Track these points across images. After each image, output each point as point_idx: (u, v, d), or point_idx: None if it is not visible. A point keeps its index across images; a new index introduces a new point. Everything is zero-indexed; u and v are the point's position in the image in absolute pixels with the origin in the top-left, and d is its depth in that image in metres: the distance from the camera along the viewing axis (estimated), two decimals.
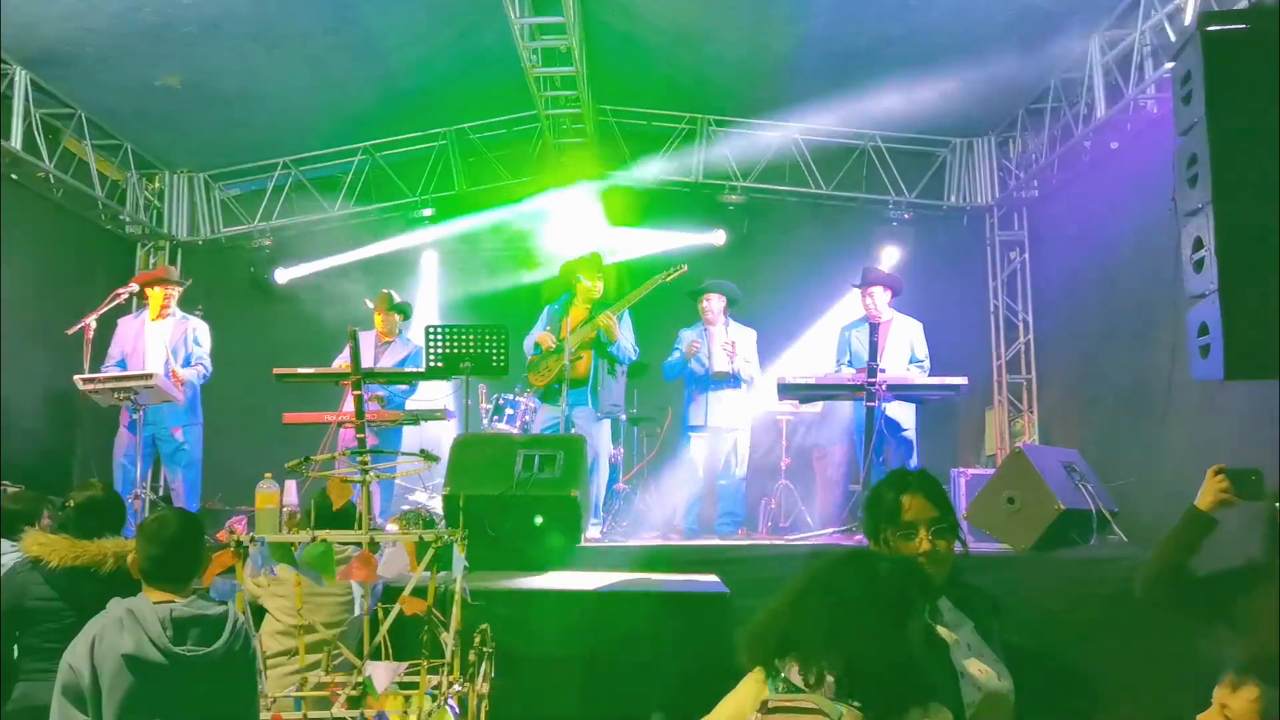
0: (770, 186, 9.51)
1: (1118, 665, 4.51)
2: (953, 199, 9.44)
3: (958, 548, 2.54)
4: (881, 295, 7.18)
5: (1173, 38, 6.06)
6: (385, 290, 7.93)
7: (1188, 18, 5.80)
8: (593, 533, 6.30)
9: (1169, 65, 5.53)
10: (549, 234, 9.48)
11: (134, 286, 7.22)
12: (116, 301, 7.06)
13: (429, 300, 9.61)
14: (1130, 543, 5.58)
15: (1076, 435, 7.96)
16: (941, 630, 2.41)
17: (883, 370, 6.51)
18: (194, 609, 2.81)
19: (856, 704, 1.93)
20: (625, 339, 6.82)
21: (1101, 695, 4.48)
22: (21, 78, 7.50)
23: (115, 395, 6.41)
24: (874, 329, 6.63)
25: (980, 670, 2.38)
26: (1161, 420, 6.33)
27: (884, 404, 6.70)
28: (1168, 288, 5.33)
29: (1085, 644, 4.59)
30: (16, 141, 7.53)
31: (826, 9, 7.10)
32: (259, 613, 3.91)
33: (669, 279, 6.98)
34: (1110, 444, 7.18)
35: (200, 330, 7.43)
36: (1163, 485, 6.02)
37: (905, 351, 7.10)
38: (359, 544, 2.99)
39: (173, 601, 2.81)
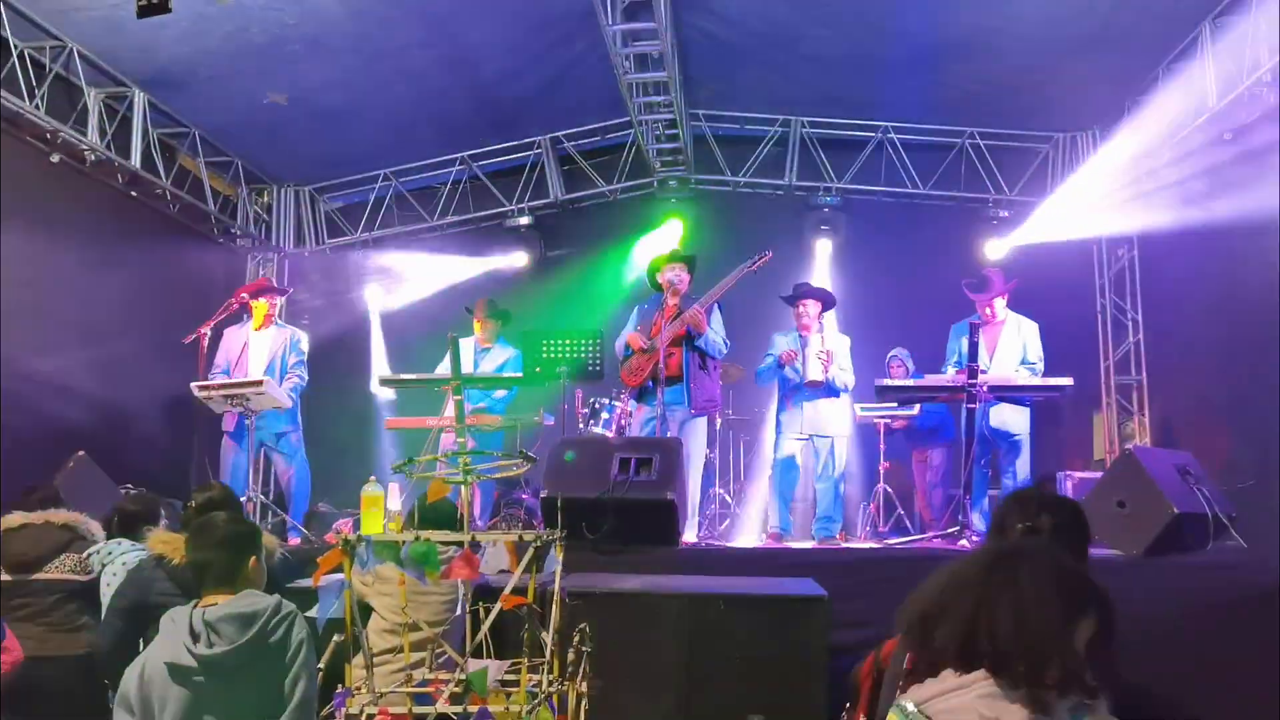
0: (865, 187, 9.38)
1: (1234, 677, 4.30)
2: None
3: None
4: (1001, 302, 7.04)
5: None
6: (484, 297, 8.06)
7: None
8: (688, 535, 6.29)
9: None
10: (640, 238, 9.54)
11: (244, 296, 7.44)
12: (228, 312, 7.31)
13: (525, 306, 9.73)
14: (1250, 548, 5.34)
15: (1191, 438, 7.65)
16: None
17: (984, 371, 6.35)
18: (231, 607, 2.87)
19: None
20: (715, 333, 6.78)
21: (1217, 708, 4.29)
22: (140, 99, 7.87)
23: (228, 401, 6.66)
24: (973, 329, 6.47)
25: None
26: None
27: (991, 407, 6.56)
28: None
29: (1200, 655, 4.38)
30: (136, 160, 7.91)
31: (920, 3, 6.98)
32: (365, 610, 4.02)
33: (754, 268, 6.88)
34: (1228, 446, 6.89)
35: (300, 339, 7.47)
36: None
37: (1017, 353, 6.90)
38: (460, 544, 3.05)
39: (215, 604, 2.89)
